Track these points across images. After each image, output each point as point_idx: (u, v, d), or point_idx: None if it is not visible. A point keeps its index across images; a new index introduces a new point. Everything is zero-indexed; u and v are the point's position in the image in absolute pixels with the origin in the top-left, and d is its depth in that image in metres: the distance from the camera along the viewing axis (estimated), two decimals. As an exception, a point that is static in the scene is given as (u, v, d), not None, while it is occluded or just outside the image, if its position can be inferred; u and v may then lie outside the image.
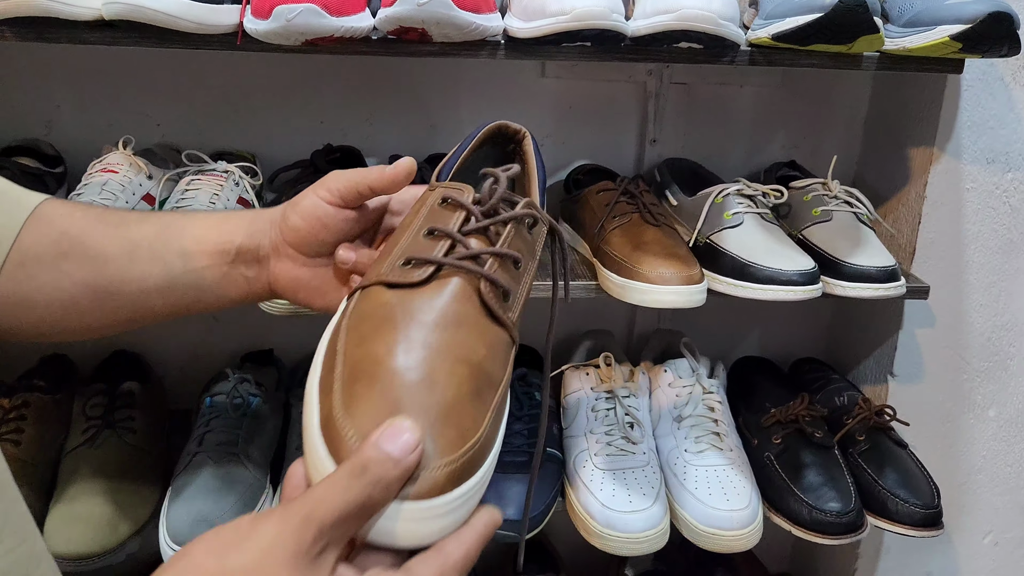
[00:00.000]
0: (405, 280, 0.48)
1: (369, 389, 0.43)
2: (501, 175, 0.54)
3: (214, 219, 0.63)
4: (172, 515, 0.89)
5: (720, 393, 1.08)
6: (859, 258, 0.94)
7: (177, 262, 0.60)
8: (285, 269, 0.61)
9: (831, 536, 0.97)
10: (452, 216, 0.51)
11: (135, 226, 0.61)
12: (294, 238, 0.60)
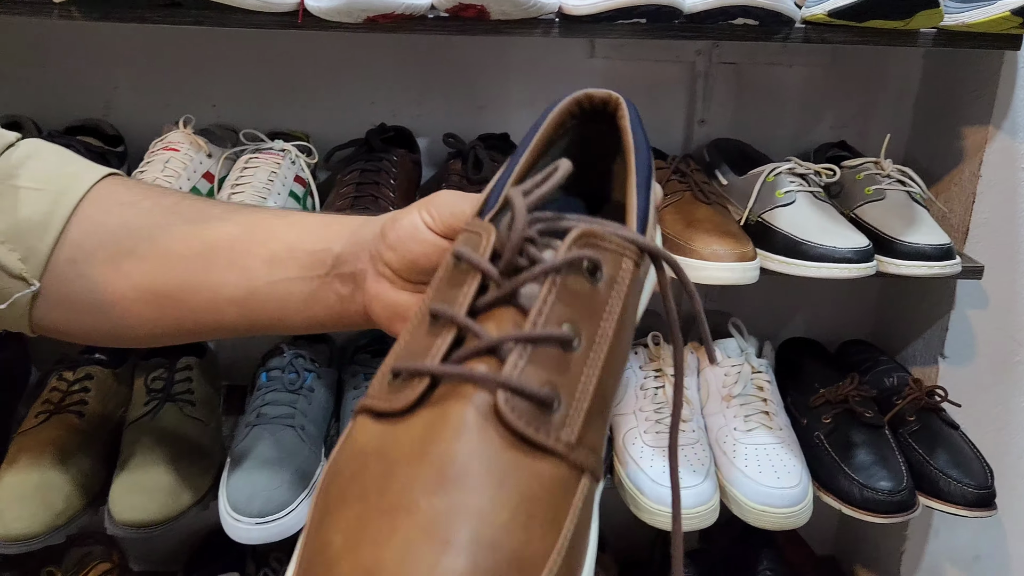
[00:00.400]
0: (387, 407, 0.32)
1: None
2: (518, 201, 0.35)
3: (312, 222, 0.52)
4: (232, 486, 0.92)
5: (769, 372, 1.08)
6: (913, 236, 0.94)
7: (261, 270, 0.50)
8: (382, 292, 0.49)
9: (882, 515, 0.97)
10: (463, 285, 0.35)
11: (216, 224, 0.51)
12: (392, 258, 0.48)
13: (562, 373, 0.32)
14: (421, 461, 0.30)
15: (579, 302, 0.34)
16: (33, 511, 0.87)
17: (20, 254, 0.50)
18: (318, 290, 0.50)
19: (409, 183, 0.99)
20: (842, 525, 1.36)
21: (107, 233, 0.51)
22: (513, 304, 0.33)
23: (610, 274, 0.35)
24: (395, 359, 0.34)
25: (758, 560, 1.19)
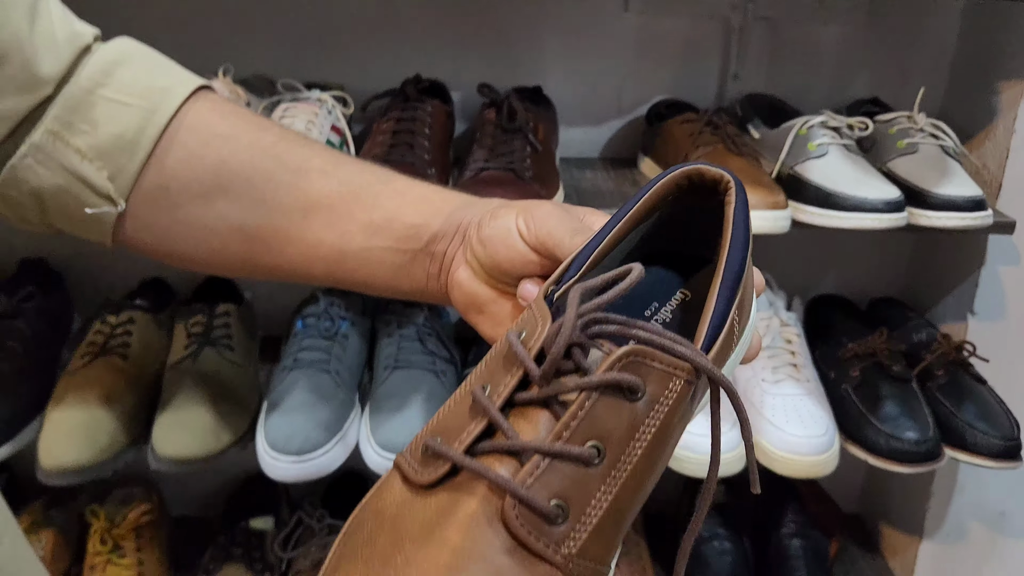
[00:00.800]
0: (414, 477, 0.34)
1: None
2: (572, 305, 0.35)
3: (414, 193, 0.51)
4: (270, 426, 0.94)
5: (797, 326, 1.09)
6: (945, 188, 0.94)
7: (359, 235, 0.50)
8: (464, 279, 0.49)
9: (908, 464, 0.97)
10: (507, 375, 0.35)
11: (319, 178, 0.50)
12: (480, 251, 0.47)
13: (577, 488, 0.33)
14: (427, 544, 0.31)
15: (613, 421, 0.33)
16: (80, 446, 0.90)
17: (108, 172, 0.49)
18: (409, 263, 0.50)
19: (443, 134, 1.01)
20: (868, 483, 1.37)
21: (203, 168, 0.49)
22: (549, 408, 0.33)
23: (653, 394, 0.34)
24: (431, 431, 0.35)
25: (784, 514, 1.21)
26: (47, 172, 0.48)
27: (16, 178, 0.48)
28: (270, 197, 0.50)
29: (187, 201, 0.50)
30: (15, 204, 0.49)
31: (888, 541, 1.31)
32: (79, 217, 0.49)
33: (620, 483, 0.33)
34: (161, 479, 1.21)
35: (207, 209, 0.50)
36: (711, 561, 1.15)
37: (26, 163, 0.47)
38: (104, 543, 1.07)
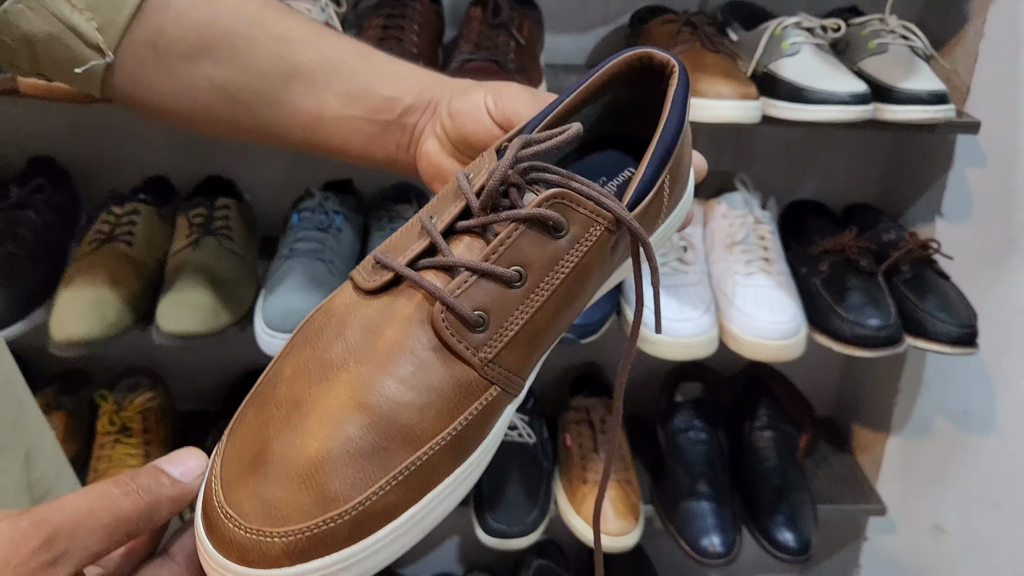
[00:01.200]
0: (362, 284, 0.39)
1: (254, 417, 0.37)
2: (512, 148, 0.40)
3: (389, 68, 0.54)
4: (267, 307, 1.00)
5: (771, 224, 1.14)
6: (910, 83, 0.98)
7: (335, 104, 0.53)
8: (431, 151, 0.53)
9: (871, 349, 1.03)
10: (451, 205, 0.40)
11: (300, 48, 0.53)
12: (448, 125, 0.52)
13: (498, 302, 0.38)
14: (365, 334, 0.37)
15: (538, 250, 0.39)
16: (90, 321, 0.96)
17: (97, 23, 0.51)
18: (381, 133, 0.53)
19: (432, 33, 1.05)
20: (841, 387, 1.43)
21: (190, 28, 0.51)
22: (482, 236, 0.39)
23: (575, 234, 0.39)
24: (382, 248, 0.40)
25: (757, 409, 1.27)
26: (38, 19, 0.50)
27: (8, 23, 0.50)
28: (252, 62, 0.52)
29: (173, 59, 0.52)
30: (7, 49, 0.52)
31: (858, 439, 1.37)
32: (69, 66, 0.52)
33: (537, 306, 0.39)
34: (165, 372, 1.27)
35: (192, 68, 0.52)
36: (686, 450, 1.22)
37: (18, 8, 0.50)
38: (112, 424, 1.13)
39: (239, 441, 0.36)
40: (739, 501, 1.21)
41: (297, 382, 0.37)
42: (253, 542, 0.33)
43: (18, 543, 0.31)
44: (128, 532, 0.34)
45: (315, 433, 0.35)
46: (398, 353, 0.37)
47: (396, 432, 0.36)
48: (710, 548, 1.13)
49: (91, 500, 0.33)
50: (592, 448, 1.20)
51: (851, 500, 1.28)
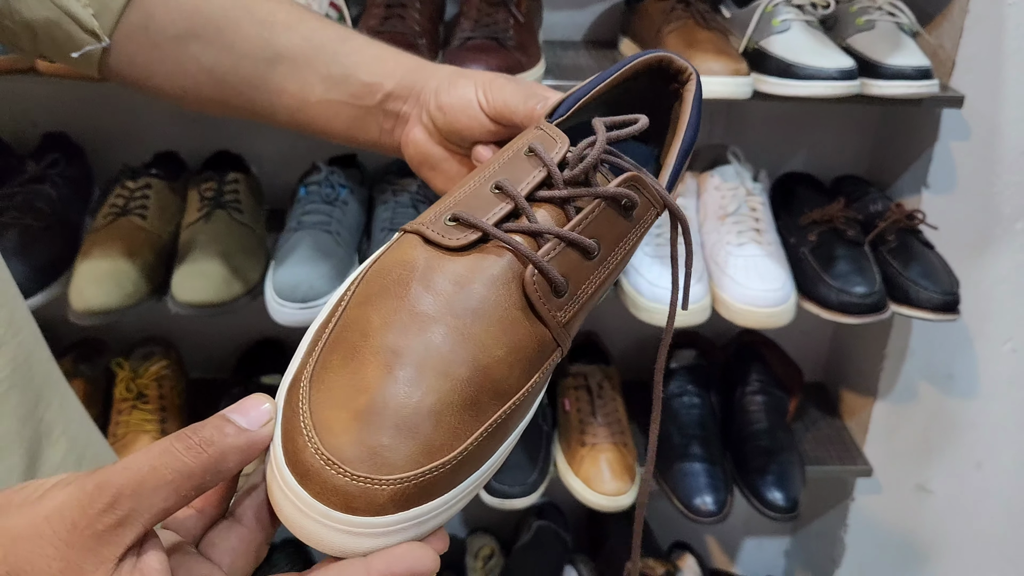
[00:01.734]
0: (442, 241, 0.40)
1: (342, 366, 0.37)
2: (600, 131, 0.43)
3: (370, 52, 0.57)
4: (277, 277, 1.04)
5: (763, 196, 1.18)
6: (896, 59, 1.02)
7: (318, 87, 0.56)
8: (419, 138, 0.56)
9: (856, 316, 1.08)
10: (529, 173, 0.42)
11: (283, 32, 0.56)
12: (438, 117, 0.54)
13: (577, 272, 0.41)
14: (456, 290, 0.39)
15: (610, 226, 0.42)
16: (107, 290, 1.00)
17: (94, 9, 0.54)
18: (363, 117, 0.56)
19: (433, 10, 1.08)
20: (831, 354, 1.48)
21: (179, 12, 0.55)
22: (562, 207, 0.42)
23: (639, 215, 0.44)
24: (454, 206, 0.42)
25: (748, 374, 1.31)
26: (38, 5, 0.54)
27: (10, 8, 0.54)
28: (238, 45, 0.55)
29: (164, 41, 0.55)
30: (10, 33, 0.56)
31: (846, 404, 1.42)
32: (67, 49, 0.56)
33: (602, 277, 0.43)
34: (178, 340, 1.32)
35: (182, 50, 0.55)
36: (680, 414, 1.27)
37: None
38: (129, 391, 1.18)
39: (330, 388, 0.36)
40: (730, 462, 1.26)
41: (390, 332, 0.37)
42: (360, 489, 0.34)
43: (85, 506, 0.31)
44: (195, 486, 0.33)
45: (419, 384, 0.36)
46: (491, 311, 0.39)
47: (490, 386, 0.38)
48: (703, 507, 1.18)
49: (153, 457, 0.33)
50: (590, 412, 1.25)
51: (838, 462, 1.34)
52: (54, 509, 0.31)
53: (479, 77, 0.54)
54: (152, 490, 0.32)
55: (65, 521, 0.31)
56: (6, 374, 0.46)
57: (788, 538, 1.64)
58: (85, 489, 0.32)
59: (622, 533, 1.46)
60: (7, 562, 0.31)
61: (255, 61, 0.56)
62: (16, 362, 0.48)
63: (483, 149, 0.54)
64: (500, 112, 0.53)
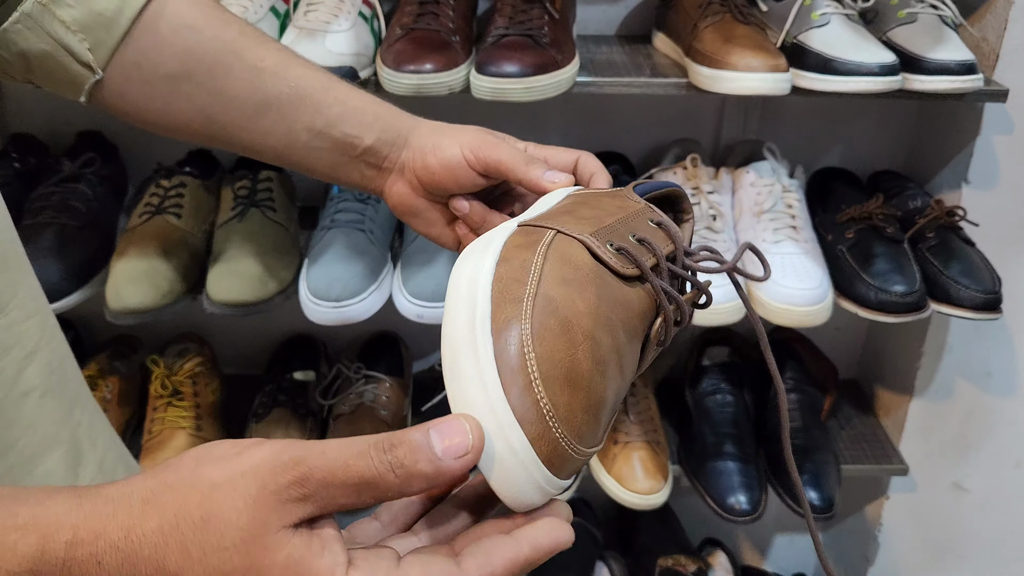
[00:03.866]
0: (612, 263, 0.43)
1: (562, 336, 0.39)
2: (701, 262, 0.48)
3: (352, 105, 0.61)
4: (312, 276, 1.04)
5: (798, 192, 1.16)
6: (939, 53, 1.00)
7: (302, 135, 0.60)
8: (403, 191, 0.62)
9: (895, 315, 1.06)
10: (663, 242, 0.47)
11: (271, 79, 0.59)
12: (424, 176, 0.60)
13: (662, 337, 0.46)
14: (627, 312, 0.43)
15: None
16: (144, 290, 1.00)
17: (89, 44, 0.56)
18: (345, 164, 0.61)
19: (467, 8, 1.07)
20: (865, 350, 1.46)
21: (172, 54, 0.57)
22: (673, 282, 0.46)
23: None
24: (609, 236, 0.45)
25: (783, 371, 1.30)
26: (35, 38, 0.55)
27: (7, 40, 0.55)
28: (228, 89, 0.58)
29: (156, 79, 0.58)
30: (2, 60, 0.56)
31: (881, 402, 1.41)
32: (59, 78, 0.57)
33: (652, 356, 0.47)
34: (211, 337, 1.32)
35: (173, 89, 0.58)
36: (713, 412, 1.26)
37: (17, 28, 0.54)
38: (164, 388, 1.19)
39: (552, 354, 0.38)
40: (764, 461, 1.25)
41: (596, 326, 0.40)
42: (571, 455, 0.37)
43: (277, 473, 0.34)
44: (376, 498, 0.35)
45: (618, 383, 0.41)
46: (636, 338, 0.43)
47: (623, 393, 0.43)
48: (736, 506, 1.17)
49: (349, 456, 0.34)
50: (623, 410, 1.24)
51: (873, 460, 1.32)
52: (249, 468, 0.34)
53: (463, 137, 0.59)
54: (338, 485, 0.34)
55: (257, 480, 0.34)
56: (42, 379, 0.47)
57: (821, 535, 1.63)
58: (280, 458, 0.34)
59: (653, 530, 1.46)
60: (203, 507, 0.34)
61: (244, 106, 0.59)
62: (51, 367, 0.49)
63: (461, 200, 0.60)
64: (495, 169, 0.58)
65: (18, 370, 0.44)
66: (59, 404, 0.51)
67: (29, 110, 1.24)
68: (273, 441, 0.35)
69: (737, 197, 1.18)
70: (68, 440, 0.52)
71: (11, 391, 0.44)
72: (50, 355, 0.50)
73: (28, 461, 0.46)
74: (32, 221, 1.06)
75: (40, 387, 0.47)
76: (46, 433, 0.50)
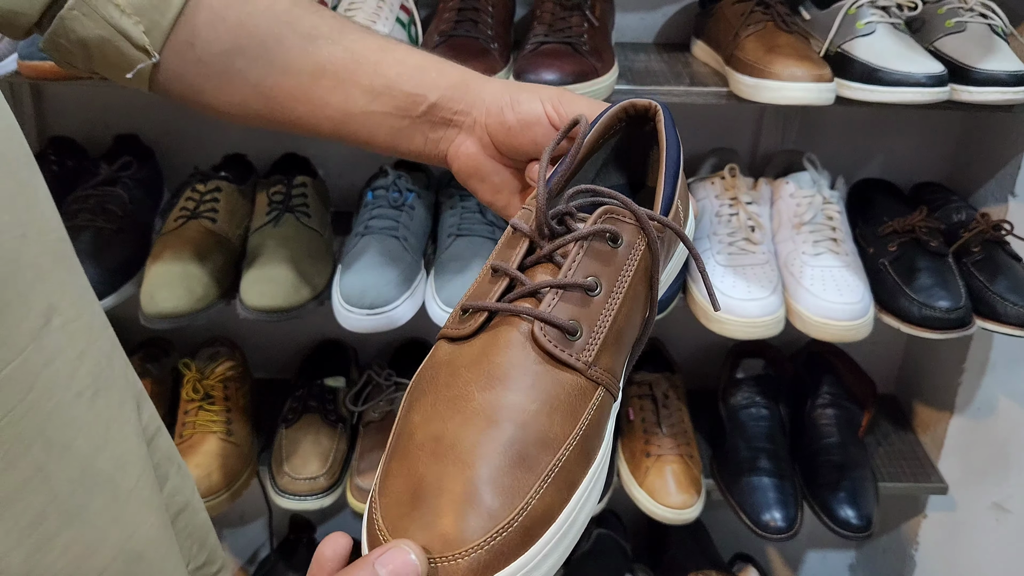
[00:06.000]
0: (457, 333, 0.43)
1: (399, 467, 0.40)
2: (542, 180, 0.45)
3: (413, 62, 0.57)
4: (345, 283, 1.03)
5: (839, 204, 1.14)
6: (989, 64, 0.97)
7: (361, 99, 0.56)
8: (471, 151, 0.56)
9: (940, 331, 1.03)
10: (516, 248, 0.45)
11: (326, 45, 0.57)
12: (499, 133, 0.55)
13: (585, 311, 0.43)
14: (477, 367, 0.41)
15: (601, 261, 0.44)
16: (178, 294, 1.00)
17: (144, 26, 0.55)
18: (407, 128, 0.57)
19: (505, 12, 1.06)
20: (904, 365, 1.43)
21: (224, 29, 0.56)
22: (552, 262, 0.44)
23: (629, 241, 0.45)
24: (464, 300, 0.45)
25: (820, 386, 1.28)
26: (91, 23, 0.55)
27: (65, 28, 0.55)
28: (281, 59, 0.56)
29: (210, 57, 0.56)
30: (65, 51, 0.57)
31: (920, 418, 1.38)
32: (120, 66, 0.57)
33: (616, 308, 0.44)
34: (242, 341, 1.32)
35: (227, 66, 0.56)
36: (748, 425, 1.24)
37: (73, 14, 0.54)
38: (196, 392, 1.19)
39: (391, 492, 0.39)
40: (800, 477, 1.23)
41: (431, 423, 0.40)
42: (437, 569, 0.36)
43: None
44: None
45: (464, 457, 0.38)
46: (513, 373, 0.41)
47: (534, 439, 0.39)
48: (771, 523, 1.15)
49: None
50: (655, 422, 1.22)
51: (912, 478, 1.29)
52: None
53: (543, 92, 0.54)
54: None
55: None
56: (91, 380, 0.47)
57: (854, 552, 1.60)
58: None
59: (683, 544, 1.43)
60: None
61: (299, 75, 0.56)
62: (100, 366, 0.49)
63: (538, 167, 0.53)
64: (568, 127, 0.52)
65: (72, 370, 0.44)
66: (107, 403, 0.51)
67: (67, 113, 1.25)
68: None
69: (776, 208, 1.16)
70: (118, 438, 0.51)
71: (67, 391, 0.44)
72: (98, 353, 0.50)
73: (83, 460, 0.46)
74: (69, 224, 1.06)
75: (92, 386, 0.47)
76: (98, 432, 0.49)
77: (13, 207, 0.43)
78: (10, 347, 0.41)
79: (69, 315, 0.44)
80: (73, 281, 0.46)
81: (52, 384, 0.43)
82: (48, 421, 0.43)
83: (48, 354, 0.42)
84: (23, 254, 0.42)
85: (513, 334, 0.42)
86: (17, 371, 0.41)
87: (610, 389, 0.43)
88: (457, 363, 0.42)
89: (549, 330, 0.41)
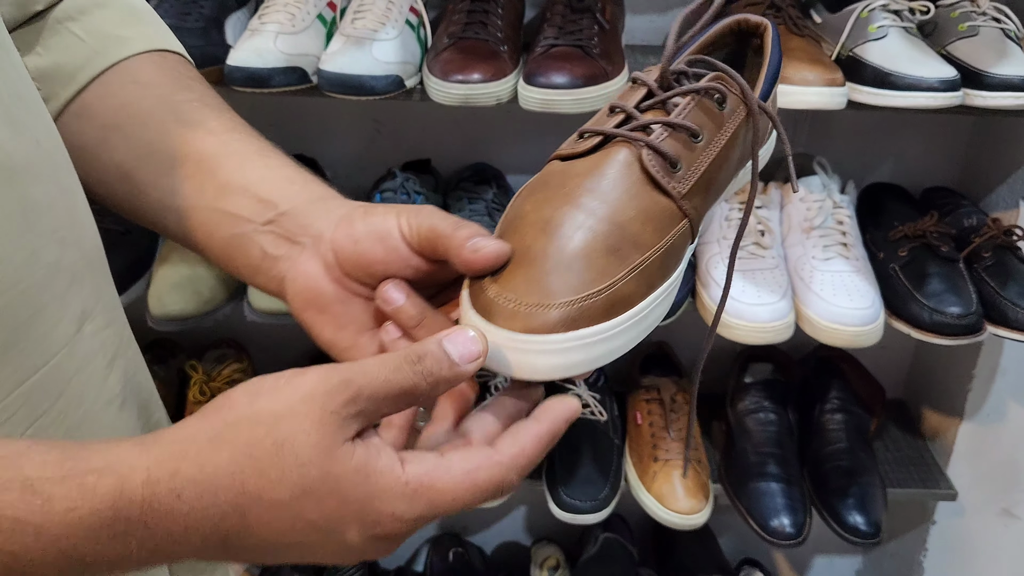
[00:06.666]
0: (573, 151, 0.49)
1: (509, 238, 0.45)
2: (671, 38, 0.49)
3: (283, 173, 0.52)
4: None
5: (849, 208, 1.14)
6: (1002, 68, 0.97)
7: (210, 192, 0.51)
8: (310, 273, 0.48)
9: (951, 337, 1.03)
10: (635, 93, 0.50)
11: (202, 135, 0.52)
12: (346, 245, 0.47)
13: (686, 152, 0.48)
14: (588, 176, 0.47)
15: (707, 116, 0.49)
16: (186, 297, 1.00)
17: (44, 93, 0.52)
18: (247, 235, 0.49)
19: (514, 15, 1.06)
20: (912, 370, 1.42)
21: (110, 105, 0.53)
22: (664, 108, 0.49)
23: (731, 107, 0.50)
24: (580, 128, 0.50)
25: (828, 391, 1.27)
26: None
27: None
28: (154, 144, 0.52)
29: (89, 130, 0.52)
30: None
31: (928, 423, 1.37)
32: None
33: (712, 157, 0.48)
34: (248, 342, 1.32)
35: (101, 142, 0.52)
36: (756, 431, 1.23)
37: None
38: (203, 394, 1.19)
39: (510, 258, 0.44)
40: (808, 483, 1.22)
41: (542, 210, 0.46)
42: (534, 312, 0.42)
43: (332, 394, 0.37)
44: (409, 404, 0.40)
45: (569, 235, 0.44)
46: (618, 185, 0.46)
47: (628, 238, 0.45)
48: (780, 529, 1.14)
49: (388, 371, 0.39)
50: (663, 427, 1.22)
51: (920, 484, 1.28)
52: (305, 395, 0.37)
53: (400, 207, 0.48)
54: (382, 398, 0.38)
55: (316, 404, 0.37)
56: (120, 388, 0.47)
57: (861, 557, 1.59)
58: (331, 381, 0.37)
59: (690, 548, 1.43)
60: (271, 435, 0.37)
61: (161, 160, 0.52)
62: (128, 375, 0.49)
63: (392, 287, 0.46)
64: (427, 238, 0.46)
65: (103, 377, 0.44)
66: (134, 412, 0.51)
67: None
68: (314, 368, 0.38)
69: (786, 212, 1.16)
70: None
71: (97, 399, 0.44)
72: (126, 363, 0.49)
73: None
74: (76, 225, 1.07)
75: (120, 395, 0.47)
76: None
77: (54, 212, 0.43)
78: (42, 352, 0.41)
79: (100, 322, 0.44)
80: (106, 289, 0.45)
81: (82, 391, 0.43)
82: (77, 429, 0.42)
83: (79, 361, 0.42)
84: (61, 259, 0.42)
85: (623, 154, 0.47)
86: (47, 377, 0.41)
87: (693, 225, 0.48)
88: (569, 172, 0.47)
89: (656, 158, 0.47)
